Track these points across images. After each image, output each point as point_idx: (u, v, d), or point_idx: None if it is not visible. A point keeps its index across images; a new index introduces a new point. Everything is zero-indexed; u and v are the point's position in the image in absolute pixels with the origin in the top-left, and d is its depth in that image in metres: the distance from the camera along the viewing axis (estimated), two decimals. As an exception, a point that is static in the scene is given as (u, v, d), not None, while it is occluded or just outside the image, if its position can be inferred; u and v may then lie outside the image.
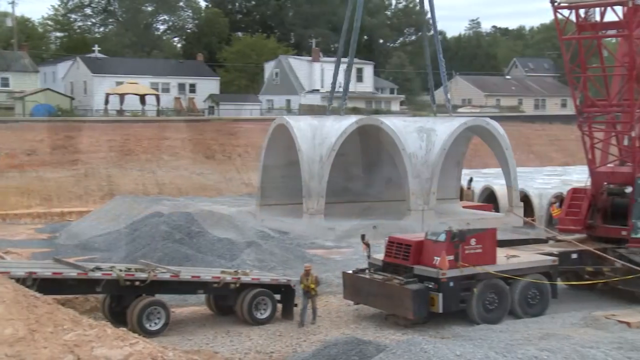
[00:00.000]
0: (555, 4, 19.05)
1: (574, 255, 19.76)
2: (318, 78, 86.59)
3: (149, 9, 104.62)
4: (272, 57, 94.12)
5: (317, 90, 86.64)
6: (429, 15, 16.82)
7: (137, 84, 68.69)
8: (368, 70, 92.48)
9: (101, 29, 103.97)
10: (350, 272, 19.01)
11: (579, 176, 33.63)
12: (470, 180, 31.18)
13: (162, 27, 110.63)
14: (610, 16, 19.64)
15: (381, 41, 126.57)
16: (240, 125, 55.41)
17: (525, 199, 28.71)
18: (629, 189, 20.25)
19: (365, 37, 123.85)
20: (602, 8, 19.34)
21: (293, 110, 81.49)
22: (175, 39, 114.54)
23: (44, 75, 76.00)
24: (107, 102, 63.14)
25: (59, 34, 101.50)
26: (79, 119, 52.28)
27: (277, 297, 18.16)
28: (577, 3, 19.13)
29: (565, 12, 19.18)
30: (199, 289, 18.06)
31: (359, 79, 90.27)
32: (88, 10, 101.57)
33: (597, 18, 19.43)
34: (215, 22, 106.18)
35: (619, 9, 19.47)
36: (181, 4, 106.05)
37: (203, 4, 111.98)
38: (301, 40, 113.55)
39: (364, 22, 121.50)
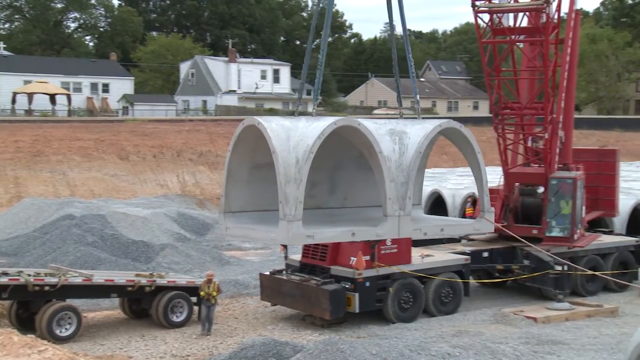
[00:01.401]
0: (476, 8, 19.53)
1: (485, 254, 20.31)
2: (235, 79, 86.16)
3: (59, 5, 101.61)
4: (188, 57, 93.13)
5: (234, 91, 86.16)
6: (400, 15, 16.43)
7: (46, 83, 66.68)
8: (285, 71, 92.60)
9: (7, 26, 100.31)
10: (268, 273, 18.98)
11: (490, 177, 34.59)
12: None
13: (72, 25, 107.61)
14: (525, 21, 20.22)
15: (298, 42, 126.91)
16: (155, 126, 54.51)
17: (439, 199, 29.32)
18: (540, 189, 20.94)
19: (282, 38, 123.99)
20: (515, 14, 19.90)
21: (209, 111, 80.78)
22: (87, 37, 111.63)
23: (-53, 73, 72.97)
24: (14, 101, 61.02)
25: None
26: (-16, 119, 50.35)
27: (194, 299, 17.93)
28: (496, 8, 19.65)
29: (485, 17, 19.68)
30: (112, 293, 17.65)
31: (276, 80, 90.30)
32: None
33: (511, 23, 20.02)
34: (129, 20, 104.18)
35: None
36: (93, 1, 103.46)
37: (116, 2, 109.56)
38: (217, 40, 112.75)
39: (280, 24, 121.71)
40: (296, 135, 13.89)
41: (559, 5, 19.87)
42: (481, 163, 16.53)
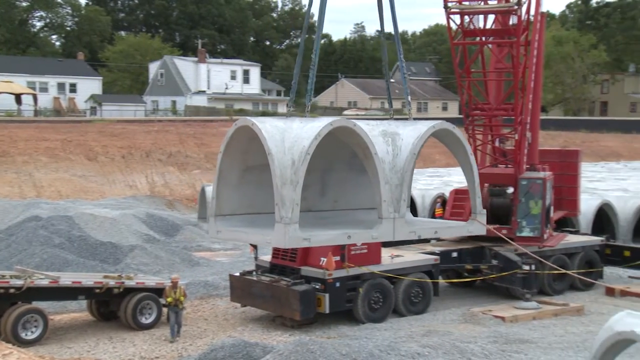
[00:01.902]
0: (448, 9, 19.66)
1: (454, 254, 20.46)
2: (204, 79, 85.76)
3: (24, 4, 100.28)
4: (157, 57, 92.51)
5: (204, 91, 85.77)
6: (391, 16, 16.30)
7: (11, 82, 65.78)
8: (255, 71, 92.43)
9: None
10: (237, 274, 18.92)
11: (459, 177, 34.89)
12: None
13: (38, 24, 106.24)
14: (495, 23, 20.37)
15: (268, 43, 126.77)
16: (124, 126, 54.06)
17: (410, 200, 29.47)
18: (510, 190, 21.12)
19: (252, 38, 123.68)
20: (485, 15, 20.07)
21: (179, 112, 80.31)
22: (54, 36, 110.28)
23: None
24: (-22, 101, 60.07)
25: None
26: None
27: (163, 300, 17.79)
28: (469, 9, 19.79)
29: (456, 18, 19.82)
30: (80, 295, 17.45)
31: (246, 80, 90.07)
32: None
33: (481, 25, 20.19)
34: (97, 20, 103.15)
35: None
36: (59, 0, 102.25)
37: (83, 1, 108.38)
38: (187, 40, 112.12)
39: (250, 24, 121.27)
40: (291, 137, 13.83)
41: (528, 7, 20.10)
42: (473, 165, 16.52)
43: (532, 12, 20.91)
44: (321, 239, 14.84)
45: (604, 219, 28.56)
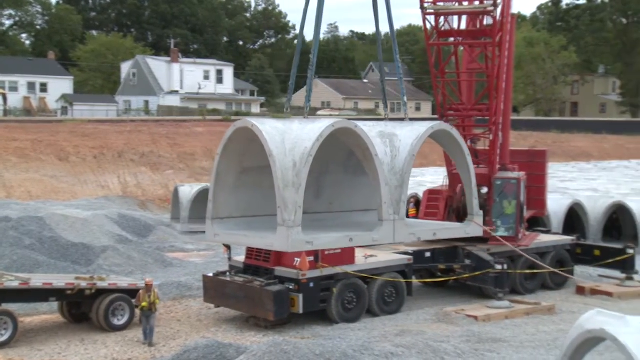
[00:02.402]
0: (425, 9, 19.74)
1: (428, 254, 20.55)
2: (177, 79, 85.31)
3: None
4: (129, 57, 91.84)
5: (177, 91, 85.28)
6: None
7: (-19, 81, 64.90)
8: (228, 71, 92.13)
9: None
10: (211, 274, 18.83)
11: (432, 177, 35.10)
12: None
13: (8, 22, 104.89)
14: (469, 24, 20.46)
15: (241, 43, 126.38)
16: (95, 126, 53.62)
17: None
18: (484, 190, 21.27)
19: (225, 38, 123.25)
20: (459, 16, 20.18)
21: (152, 112, 79.80)
22: (24, 35, 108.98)
23: None
24: (-54, 100, 59.20)
25: None
26: None
27: (135, 302, 17.65)
28: (445, 10, 19.88)
29: (431, 18, 19.91)
30: (51, 297, 17.24)
31: (219, 80, 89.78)
32: None
33: (455, 25, 20.31)
34: (67, 19, 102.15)
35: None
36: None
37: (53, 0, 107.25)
38: (159, 40, 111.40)
39: (223, 24, 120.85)
40: (291, 138, 13.55)
41: (503, 9, 20.25)
42: (470, 166, 16.33)
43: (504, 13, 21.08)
44: (323, 242, 14.61)
45: (574, 218, 28.90)
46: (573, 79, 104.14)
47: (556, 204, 28.61)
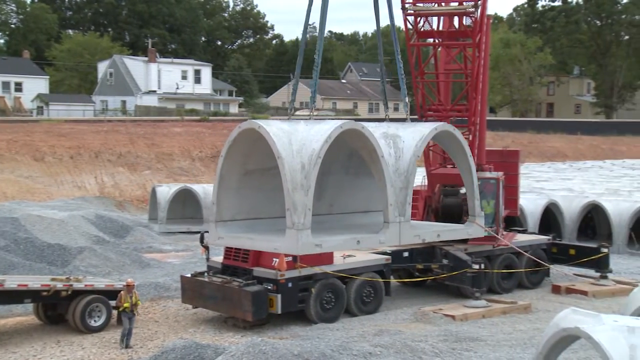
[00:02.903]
0: (405, 10, 19.79)
1: (406, 254, 20.63)
2: (155, 79, 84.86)
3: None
4: (106, 56, 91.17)
5: (154, 91, 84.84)
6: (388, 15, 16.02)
7: (-46, 81, 64.16)
8: (206, 71, 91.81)
9: None
10: (189, 275, 18.76)
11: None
12: None
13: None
14: (448, 24, 20.56)
15: (219, 43, 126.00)
16: (72, 126, 53.18)
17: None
18: (463, 190, 21.39)
19: (203, 38, 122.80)
20: (438, 17, 20.28)
21: (129, 112, 79.31)
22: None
23: None
24: None
25: None
26: None
27: (113, 303, 17.54)
28: (425, 11, 19.95)
29: (411, 19, 19.98)
30: (26, 298, 17.08)
31: (197, 80, 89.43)
32: None
33: (434, 26, 20.40)
34: (43, 18, 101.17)
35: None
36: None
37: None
38: (137, 40, 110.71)
39: (201, 24, 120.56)
40: (298, 139, 13.34)
41: (482, 10, 20.39)
42: (472, 167, 16.25)
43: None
44: (332, 245, 14.44)
45: (550, 218, 29.18)
46: (549, 80, 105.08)
47: (532, 204, 28.88)
